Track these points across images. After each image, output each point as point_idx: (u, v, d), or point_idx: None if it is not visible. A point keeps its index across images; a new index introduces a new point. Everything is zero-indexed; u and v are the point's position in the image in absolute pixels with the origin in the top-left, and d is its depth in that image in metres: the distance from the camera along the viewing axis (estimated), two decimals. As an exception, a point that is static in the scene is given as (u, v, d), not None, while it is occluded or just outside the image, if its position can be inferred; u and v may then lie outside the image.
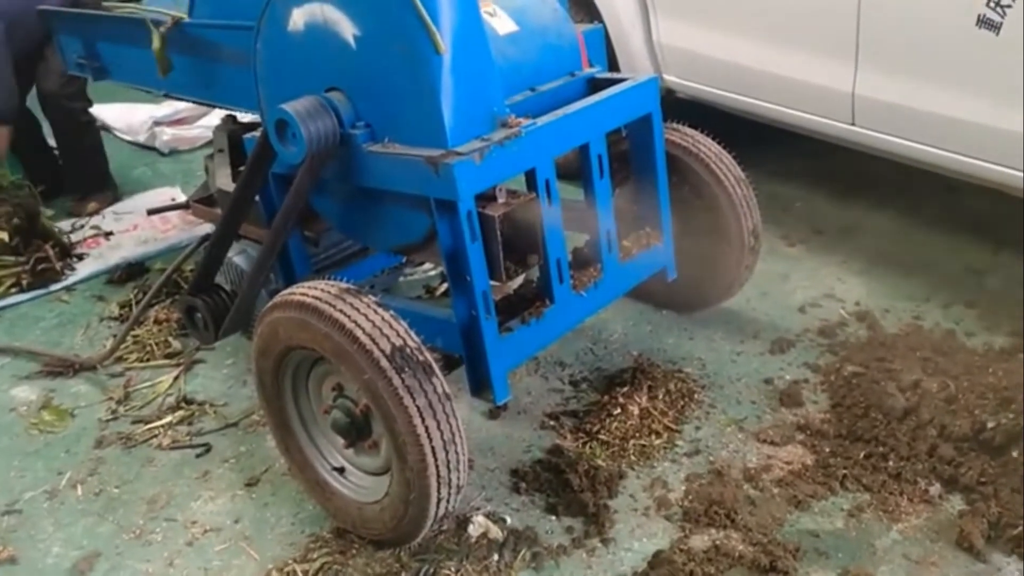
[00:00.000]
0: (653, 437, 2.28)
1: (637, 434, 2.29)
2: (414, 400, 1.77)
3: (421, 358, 1.82)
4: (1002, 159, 2.57)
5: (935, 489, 2.10)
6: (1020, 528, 1.96)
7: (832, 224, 3.29)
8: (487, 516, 2.05)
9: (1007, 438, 2.16)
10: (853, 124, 2.90)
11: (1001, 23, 2.45)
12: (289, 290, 1.96)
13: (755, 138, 3.28)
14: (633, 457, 2.23)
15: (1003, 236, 3.07)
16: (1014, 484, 2.05)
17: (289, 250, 2.35)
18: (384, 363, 1.77)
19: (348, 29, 1.97)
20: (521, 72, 2.24)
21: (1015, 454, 2.12)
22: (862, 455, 2.19)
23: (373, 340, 1.79)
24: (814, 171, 3.63)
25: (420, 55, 1.89)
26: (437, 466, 1.79)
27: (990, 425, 2.20)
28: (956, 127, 2.64)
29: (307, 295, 1.88)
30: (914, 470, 2.13)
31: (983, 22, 2.49)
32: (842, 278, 2.97)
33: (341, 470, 2.09)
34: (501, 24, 2.28)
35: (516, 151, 1.98)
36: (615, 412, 2.35)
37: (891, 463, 2.15)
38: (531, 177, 2.07)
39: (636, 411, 2.34)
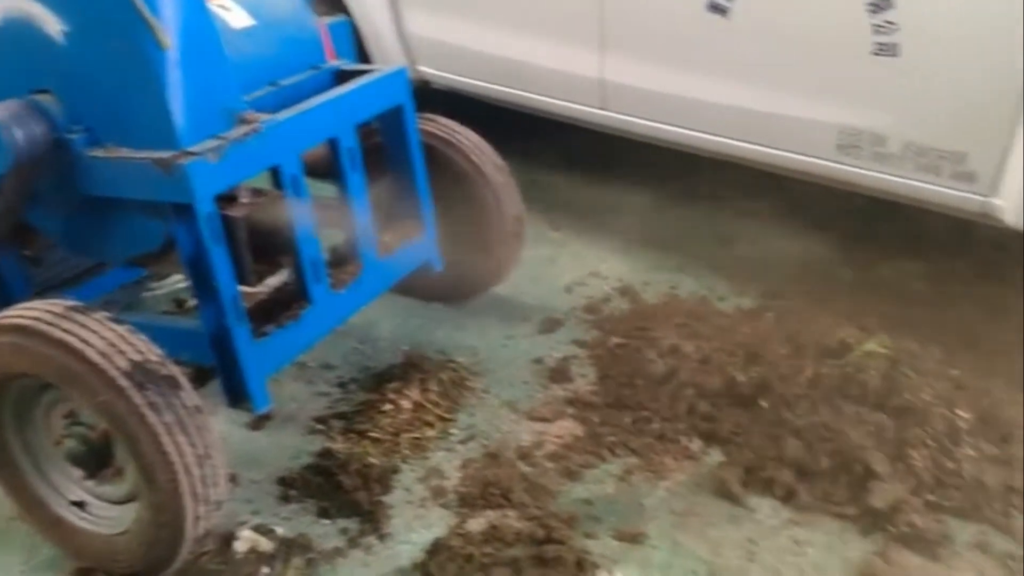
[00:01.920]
0: (426, 429, 2.33)
1: (410, 428, 2.33)
2: (160, 417, 1.71)
3: (164, 372, 1.76)
4: (740, 135, 2.86)
5: (696, 445, 2.30)
6: (770, 472, 2.21)
7: (593, 207, 3.50)
8: (255, 529, 2.02)
9: (756, 390, 2.41)
10: (604, 109, 3.12)
11: (728, 7, 2.72)
12: (2, 314, 1.83)
13: (516, 126, 3.44)
14: (407, 451, 2.27)
15: (746, 207, 3.42)
16: (764, 432, 2.30)
17: (2, 271, 2.20)
18: (122, 381, 1.69)
19: (53, 25, 1.87)
20: (260, 67, 2.22)
21: (764, 404, 2.38)
22: (629, 421, 2.36)
23: (107, 358, 1.71)
24: (574, 156, 3.86)
25: (141, 51, 1.83)
26: (191, 484, 1.74)
27: (740, 379, 2.44)
28: (698, 108, 2.90)
29: (23, 317, 1.76)
30: (676, 429, 2.33)
31: (712, 7, 2.76)
32: (605, 257, 3.18)
33: (81, 504, 1.98)
34: (235, 18, 2.25)
35: (257, 148, 1.96)
36: (386, 409, 2.38)
37: (655, 425, 2.34)
38: (277, 175, 2.07)
39: (408, 405, 2.39)
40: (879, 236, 3.27)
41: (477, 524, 2.05)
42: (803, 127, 2.71)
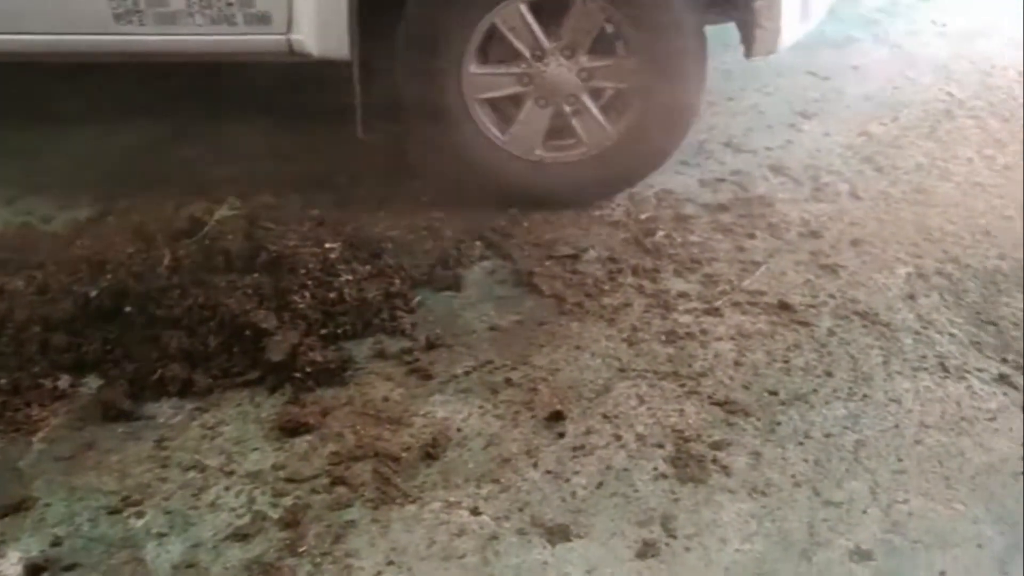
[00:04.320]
0: None
1: None
2: None
3: None
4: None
5: (64, 381, 2.12)
6: (158, 372, 2.13)
7: None
8: None
9: (115, 299, 2.26)
10: None
11: None
12: None
13: None
14: None
15: (49, 111, 3.14)
16: (139, 337, 2.19)
17: None
18: None
19: None
20: None
21: (129, 309, 2.25)
22: (-35, 391, 2.07)
23: None
24: None
25: None
26: None
27: (93, 294, 2.27)
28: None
29: None
30: (33, 375, 2.10)
31: None
32: None
33: None
34: None
35: None
36: None
37: (3, 381, 2.08)
38: None
39: None
40: (206, 106, 3.30)
41: None
42: (71, 3, 2.54)
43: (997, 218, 2.76)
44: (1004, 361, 2.20)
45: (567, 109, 2.73)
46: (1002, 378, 2.15)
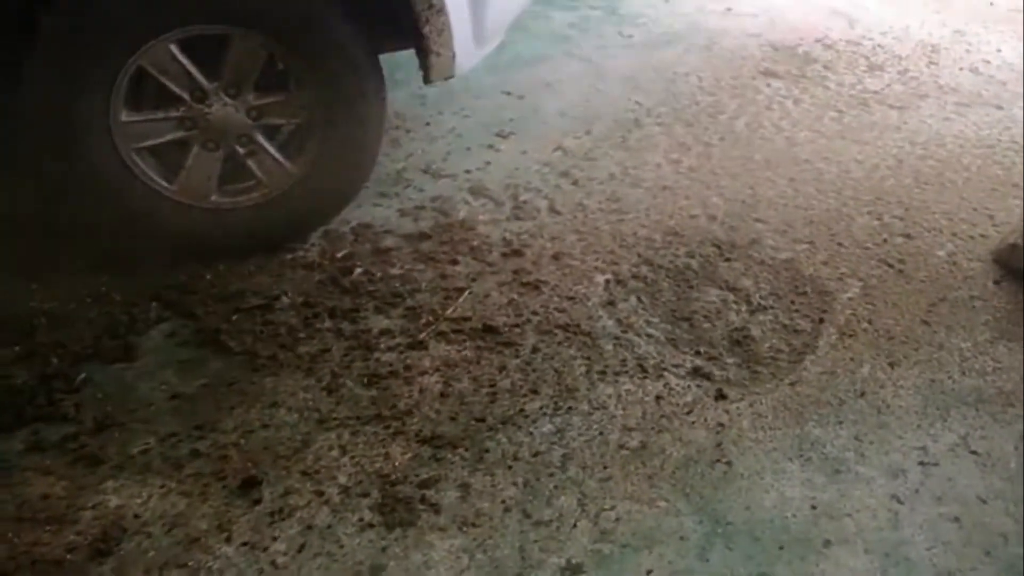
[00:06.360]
0: None
1: None
2: None
3: None
4: None
5: None
6: None
7: None
8: None
9: None
10: None
11: None
12: None
13: None
14: None
15: None
16: None
17: None
18: None
19: None
20: None
21: None
22: None
23: None
24: None
25: None
26: None
27: None
28: None
29: None
30: None
31: None
32: None
33: None
34: None
35: None
36: None
37: None
38: None
39: None
40: None
41: None
42: None
43: (685, 218, 3.01)
44: (698, 354, 2.39)
45: (240, 150, 2.68)
46: (696, 371, 2.34)
